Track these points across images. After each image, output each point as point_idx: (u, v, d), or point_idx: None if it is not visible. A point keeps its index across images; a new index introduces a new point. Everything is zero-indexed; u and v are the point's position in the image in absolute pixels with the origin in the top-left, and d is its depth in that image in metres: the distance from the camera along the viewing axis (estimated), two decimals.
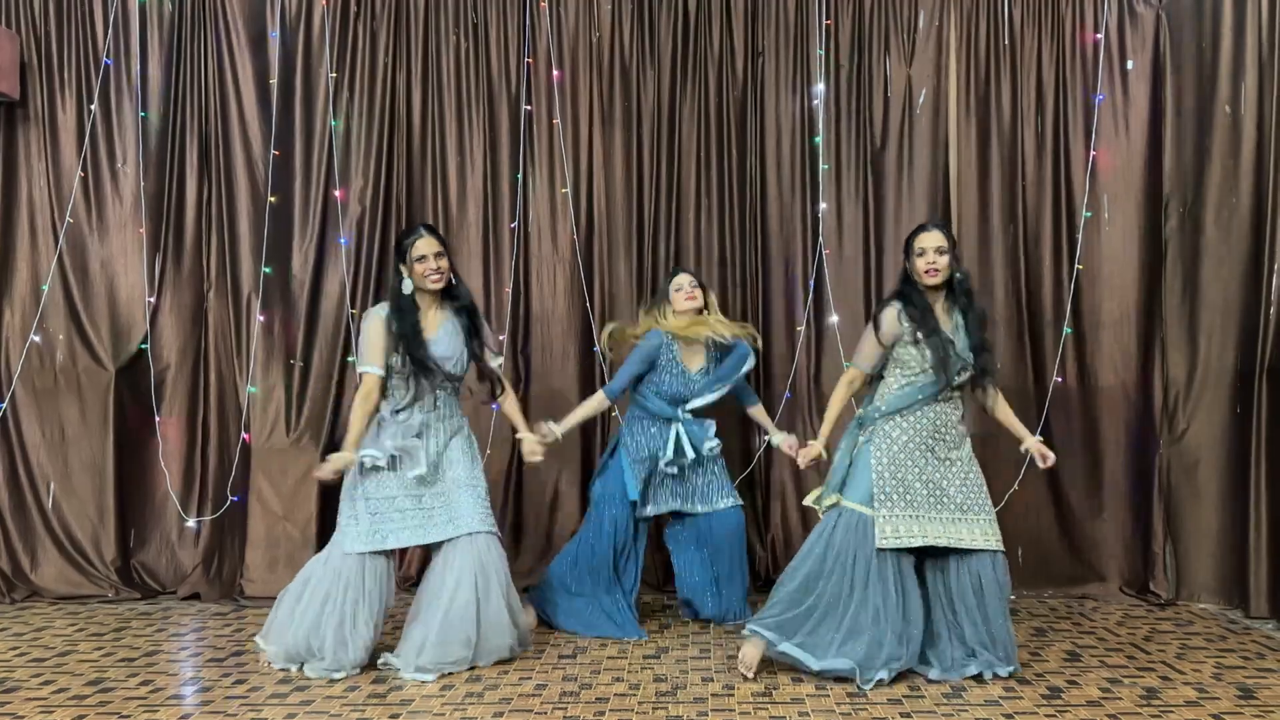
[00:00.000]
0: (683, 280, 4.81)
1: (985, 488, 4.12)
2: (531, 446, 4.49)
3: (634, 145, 5.60)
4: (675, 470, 4.79)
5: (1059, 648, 4.43)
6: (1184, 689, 3.86)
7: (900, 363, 4.07)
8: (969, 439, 4.19)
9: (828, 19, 5.55)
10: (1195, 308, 5.33)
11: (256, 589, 5.33)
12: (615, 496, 4.76)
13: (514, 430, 4.59)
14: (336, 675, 4.02)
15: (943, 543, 3.96)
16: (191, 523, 5.54)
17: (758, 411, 5.03)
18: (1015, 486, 5.40)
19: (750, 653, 3.97)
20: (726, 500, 4.86)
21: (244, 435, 5.48)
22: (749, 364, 4.77)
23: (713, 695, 3.80)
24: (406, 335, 4.11)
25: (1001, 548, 4.04)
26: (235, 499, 5.49)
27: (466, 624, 4.04)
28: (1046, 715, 3.58)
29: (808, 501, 4.25)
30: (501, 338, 5.53)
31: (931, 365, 4.00)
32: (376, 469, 4.14)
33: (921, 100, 5.56)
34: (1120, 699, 3.74)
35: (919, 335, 4.00)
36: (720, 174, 5.60)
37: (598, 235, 5.62)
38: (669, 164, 5.60)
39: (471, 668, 4.10)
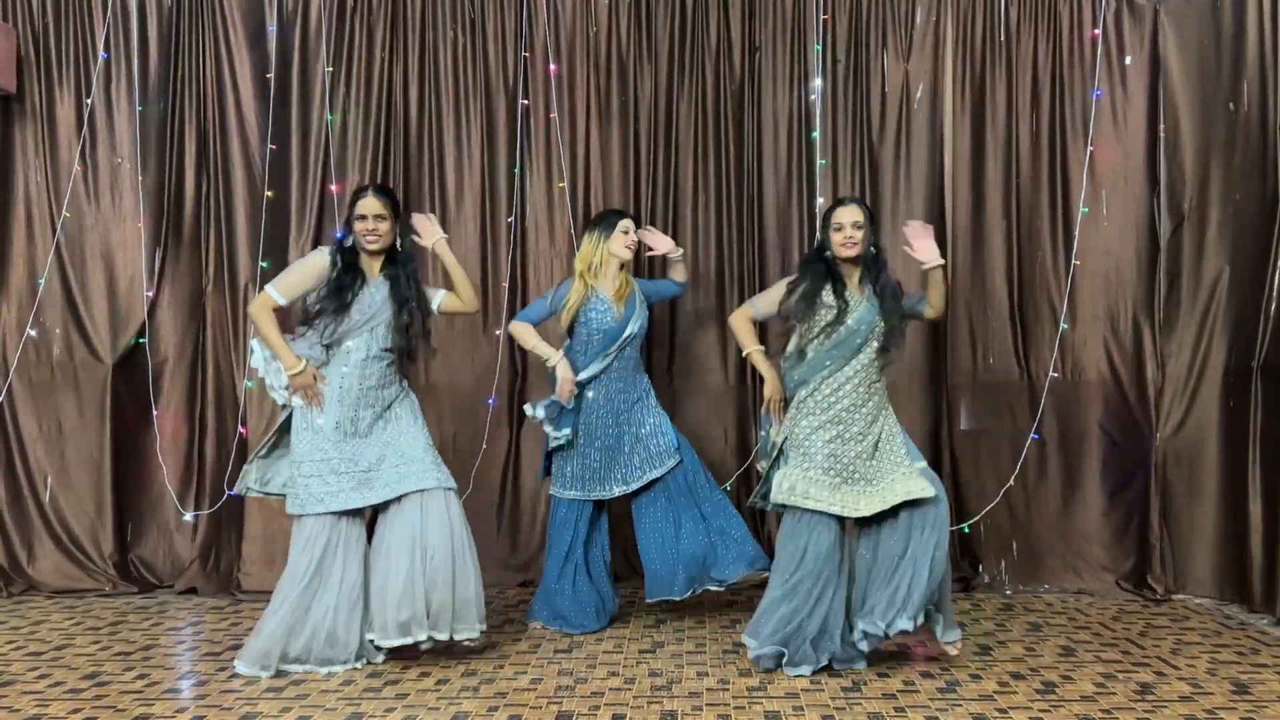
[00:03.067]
0: (627, 223, 4.69)
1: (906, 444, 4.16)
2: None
3: (631, 140, 5.60)
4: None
5: (1054, 643, 4.43)
6: (1178, 684, 3.87)
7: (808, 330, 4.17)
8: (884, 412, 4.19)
9: (825, 14, 5.54)
10: (1192, 304, 5.33)
11: (253, 583, 5.34)
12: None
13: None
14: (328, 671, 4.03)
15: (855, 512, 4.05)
16: (189, 517, 5.55)
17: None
18: (1011, 481, 5.41)
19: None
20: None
21: (240, 429, 5.49)
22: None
23: (707, 690, 3.81)
24: (346, 289, 4.10)
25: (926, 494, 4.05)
26: (232, 493, 5.49)
27: (439, 582, 4.01)
28: (1041, 710, 3.58)
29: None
30: (498, 333, 5.54)
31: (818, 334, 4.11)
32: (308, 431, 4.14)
33: (919, 96, 5.56)
34: (1114, 694, 3.75)
35: (791, 312, 4.15)
36: (717, 169, 5.59)
37: None
38: (666, 159, 5.59)
39: (450, 642, 4.07)
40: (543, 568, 4.84)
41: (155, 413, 5.56)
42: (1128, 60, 5.47)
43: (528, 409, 4.68)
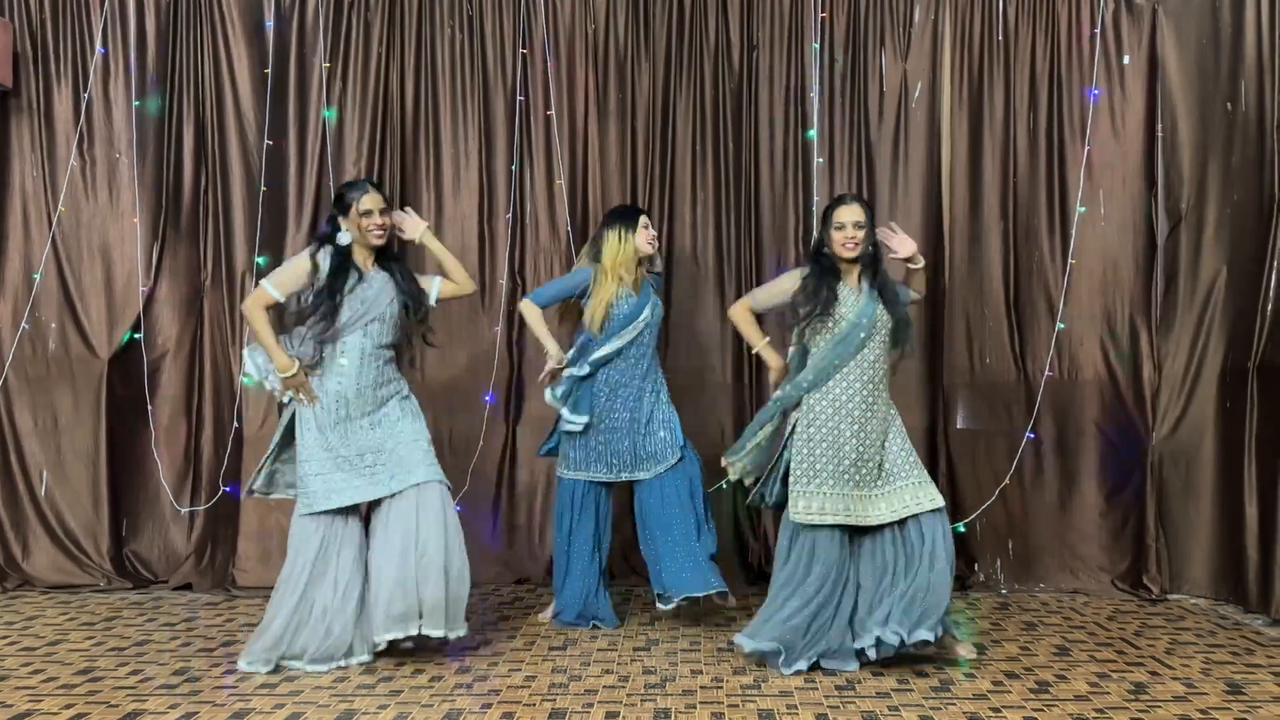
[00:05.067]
0: (647, 219, 4.71)
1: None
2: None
3: (629, 137, 5.60)
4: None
5: (1048, 642, 4.43)
6: (1172, 684, 3.86)
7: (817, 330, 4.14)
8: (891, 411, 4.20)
9: (823, 12, 5.54)
10: (1189, 304, 5.33)
11: (249, 579, 5.33)
12: None
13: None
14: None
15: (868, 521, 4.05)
16: (184, 512, 5.54)
17: None
18: (1007, 481, 5.40)
19: None
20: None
21: (237, 424, 5.48)
22: None
23: (701, 688, 3.80)
24: (337, 290, 4.08)
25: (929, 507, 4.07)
26: (228, 489, 5.49)
27: (432, 578, 4.02)
28: (1034, 709, 3.58)
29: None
30: (496, 329, 5.53)
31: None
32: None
33: (916, 95, 5.55)
34: (1108, 694, 3.74)
35: (800, 312, 4.09)
36: (715, 167, 5.59)
37: (593, 227, 5.58)
38: (664, 156, 5.59)
39: (444, 640, 4.08)
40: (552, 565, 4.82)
41: (151, 407, 5.56)
42: (1126, 60, 5.47)
43: (548, 394, 4.66)
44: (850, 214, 4.10)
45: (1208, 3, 5.27)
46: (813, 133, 5.54)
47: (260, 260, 5.47)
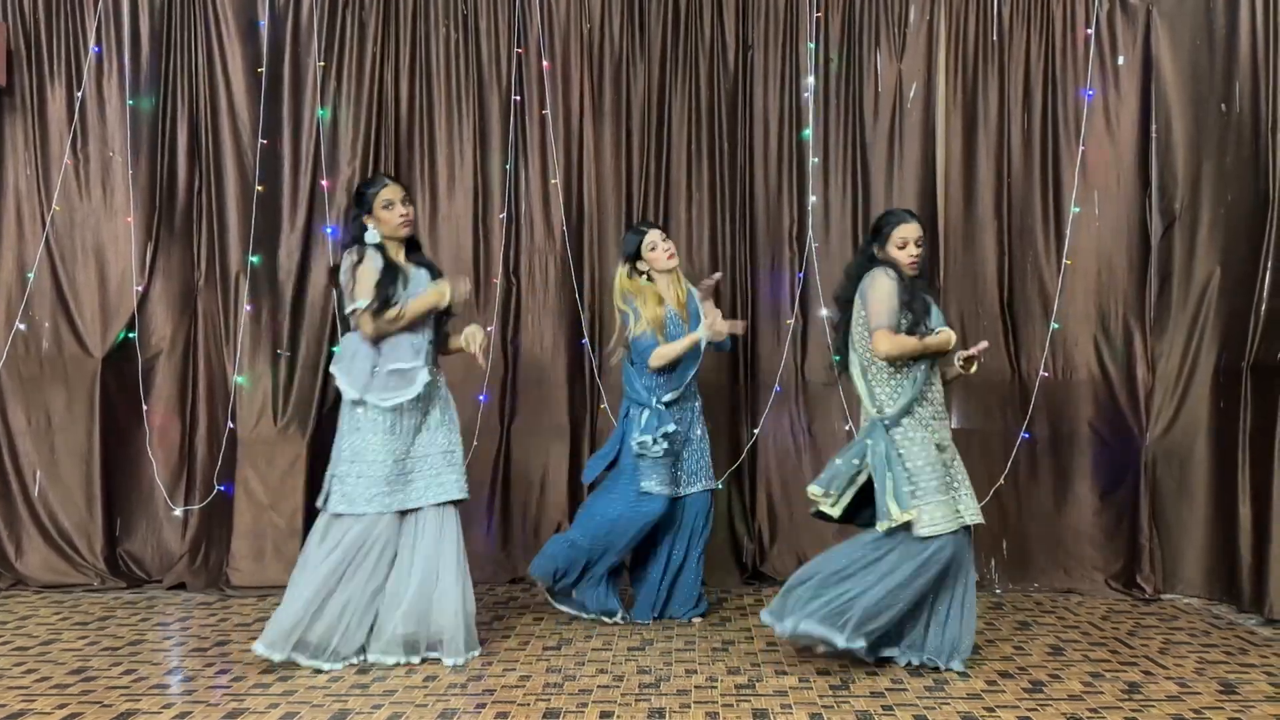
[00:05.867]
0: (655, 237, 4.67)
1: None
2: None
3: (624, 137, 5.60)
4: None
5: (1042, 641, 4.43)
6: (1166, 684, 3.87)
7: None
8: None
9: (818, 12, 5.54)
10: (1183, 304, 5.34)
11: (242, 579, 5.32)
12: None
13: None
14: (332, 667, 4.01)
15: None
16: (178, 512, 5.53)
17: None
18: (1002, 480, 5.41)
19: None
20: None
21: (230, 424, 5.47)
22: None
23: (695, 688, 3.80)
24: (399, 280, 4.06)
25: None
26: (222, 489, 5.48)
27: (449, 604, 4.04)
28: (1028, 709, 3.58)
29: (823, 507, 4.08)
30: (490, 329, 5.53)
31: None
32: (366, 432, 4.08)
33: (911, 95, 5.56)
34: (1102, 693, 3.75)
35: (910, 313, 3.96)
36: (710, 167, 5.59)
37: (588, 227, 5.62)
38: (659, 156, 5.59)
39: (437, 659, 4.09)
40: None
41: (145, 407, 5.55)
42: (1120, 60, 5.48)
43: (639, 444, 4.55)
44: (915, 231, 4.00)
45: (1202, 3, 5.28)
46: (808, 132, 5.54)
47: (254, 259, 5.47)
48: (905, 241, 4.00)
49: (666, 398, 4.62)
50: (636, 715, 3.51)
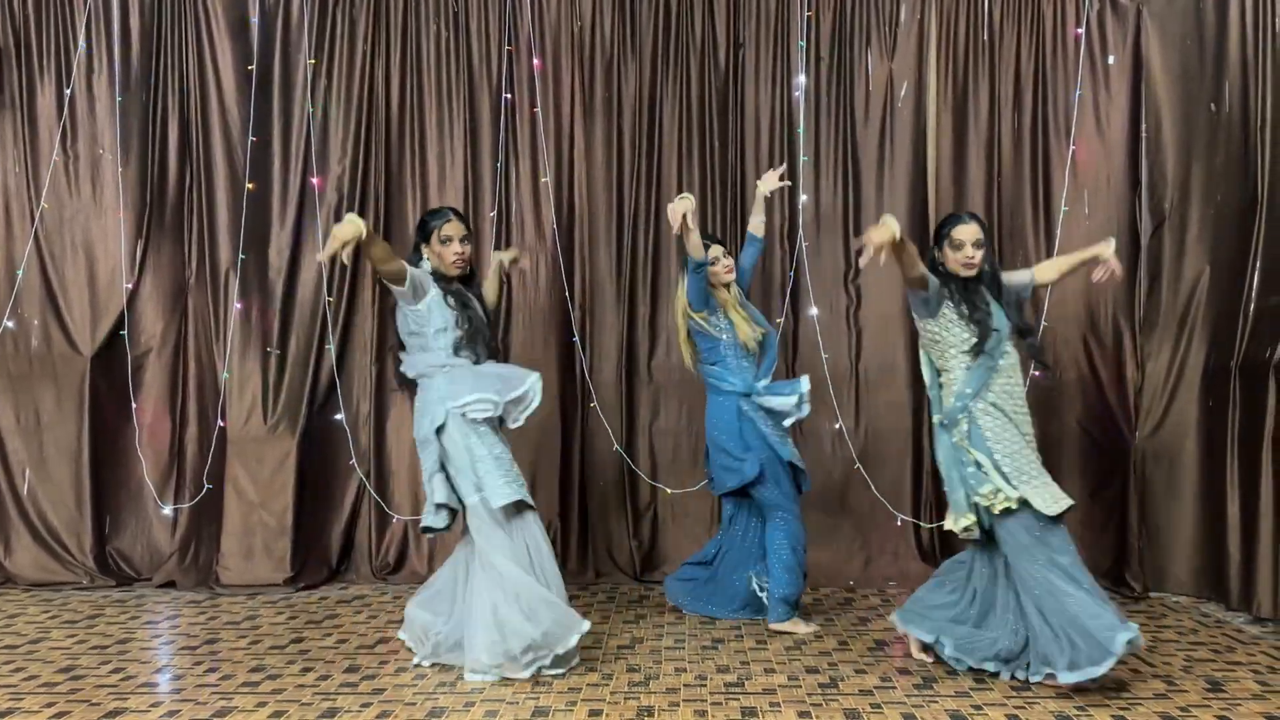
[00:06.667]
0: (717, 251, 4.62)
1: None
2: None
3: (615, 135, 5.60)
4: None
5: None
6: (1153, 682, 3.88)
7: (950, 345, 3.98)
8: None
9: (809, 11, 5.54)
10: (1172, 303, 5.36)
11: (232, 577, 5.31)
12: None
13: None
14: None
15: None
16: (168, 510, 5.52)
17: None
18: None
19: None
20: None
21: (221, 422, 5.46)
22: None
23: (685, 686, 3.80)
24: (462, 302, 4.04)
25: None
26: (211, 487, 5.47)
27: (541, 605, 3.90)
28: (1015, 707, 3.59)
29: (953, 527, 3.98)
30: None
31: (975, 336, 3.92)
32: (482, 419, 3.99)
33: (902, 93, 5.56)
34: (1089, 691, 3.75)
35: (962, 310, 3.91)
36: (701, 165, 5.60)
37: (578, 225, 5.62)
38: (650, 154, 5.59)
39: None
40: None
41: (134, 405, 5.54)
42: (1110, 60, 5.49)
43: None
44: (971, 233, 3.93)
45: (1192, 3, 5.29)
46: (799, 131, 5.54)
47: (244, 256, 5.46)
48: (960, 243, 3.93)
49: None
50: (625, 712, 3.51)
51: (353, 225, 3.62)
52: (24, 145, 5.53)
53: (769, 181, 4.69)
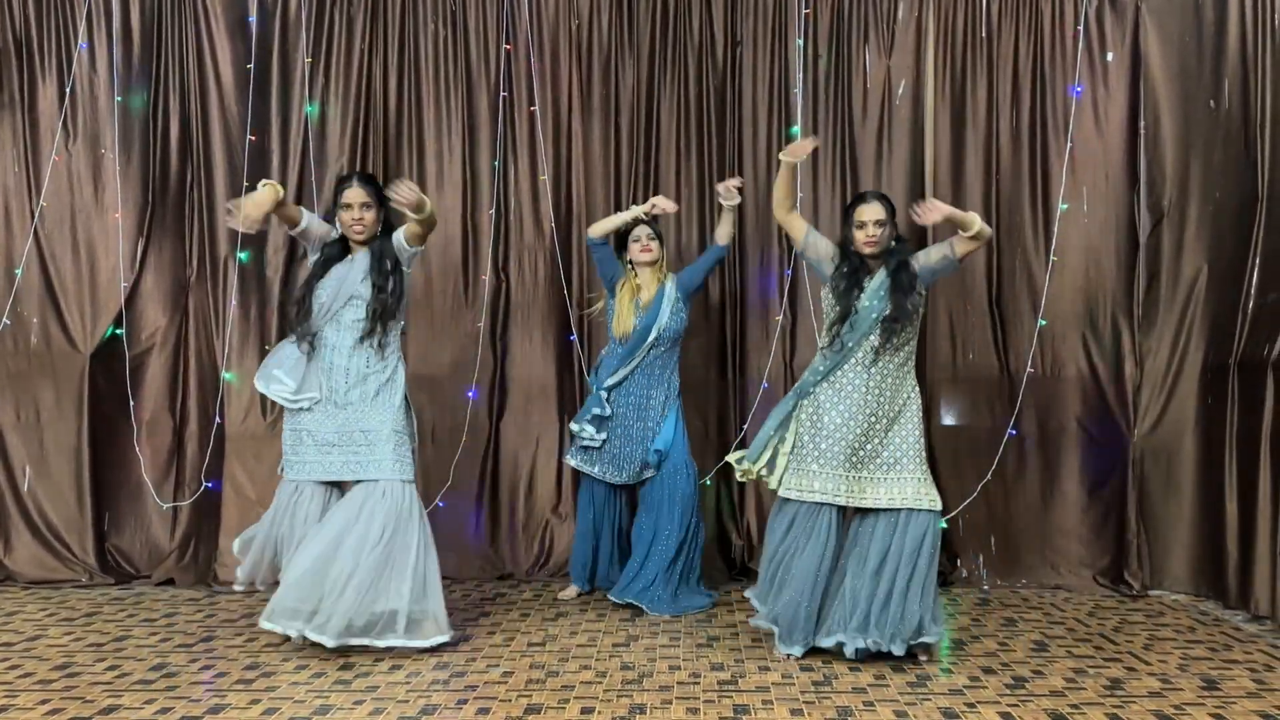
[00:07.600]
0: (640, 232, 4.95)
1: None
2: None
3: (613, 133, 5.59)
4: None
5: (1027, 638, 4.44)
6: (1149, 680, 3.87)
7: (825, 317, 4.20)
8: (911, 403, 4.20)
9: (807, 9, 5.53)
10: (1170, 301, 5.34)
11: (230, 575, 5.28)
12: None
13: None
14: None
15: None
16: (167, 508, 5.53)
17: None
18: (989, 477, 5.41)
19: None
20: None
21: (219, 419, 5.47)
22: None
23: (678, 683, 3.80)
24: (312, 274, 4.23)
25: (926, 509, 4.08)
26: (210, 485, 5.48)
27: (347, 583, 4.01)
28: (1009, 704, 3.59)
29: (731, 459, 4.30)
30: (479, 324, 5.53)
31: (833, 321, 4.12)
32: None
33: (900, 91, 5.55)
34: (1084, 689, 3.75)
35: (839, 286, 4.09)
36: (699, 163, 5.59)
37: (577, 223, 5.62)
38: (648, 152, 5.59)
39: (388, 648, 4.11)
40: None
41: (134, 403, 5.55)
42: (1109, 57, 5.47)
43: (574, 427, 4.94)
44: (871, 212, 4.07)
45: (1191, 0, 5.27)
46: (796, 129, 5.53)
47: (243, 256, 5.47)
48: (863, 223, 4.09)
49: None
50: (618, 711, 3.51)
51: (273, 189, 3.88)
52: (24, 143, 5.53)
53: (728, 195, 4.80)
